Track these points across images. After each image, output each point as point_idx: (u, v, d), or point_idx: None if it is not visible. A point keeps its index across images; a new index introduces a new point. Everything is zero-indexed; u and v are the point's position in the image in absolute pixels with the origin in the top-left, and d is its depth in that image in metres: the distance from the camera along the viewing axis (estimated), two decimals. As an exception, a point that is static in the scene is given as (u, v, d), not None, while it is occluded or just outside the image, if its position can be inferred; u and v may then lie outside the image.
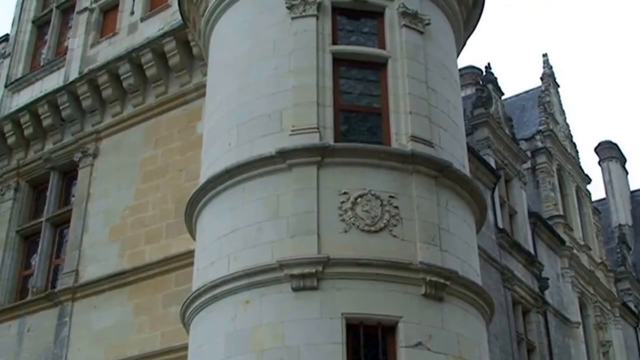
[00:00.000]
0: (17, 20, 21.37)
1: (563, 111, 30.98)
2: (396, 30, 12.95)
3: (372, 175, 11.44)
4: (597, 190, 43.81)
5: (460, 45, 15.27)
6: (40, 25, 21.10)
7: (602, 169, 42.09)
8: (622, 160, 42.65)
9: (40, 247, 17.84)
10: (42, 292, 17.07)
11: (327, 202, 11.15)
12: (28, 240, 18.69)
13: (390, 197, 11.29)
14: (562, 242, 25.51)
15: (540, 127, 27.95)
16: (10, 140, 19.31)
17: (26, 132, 19.03)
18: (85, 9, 19.21)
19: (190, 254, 13.41)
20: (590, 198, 30.77)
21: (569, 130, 30.73)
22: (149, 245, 15.50)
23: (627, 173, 42.89)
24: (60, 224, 17.99)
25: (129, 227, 16.02)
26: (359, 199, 11.17)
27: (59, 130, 18.59)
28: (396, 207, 11.24)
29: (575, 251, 26.45)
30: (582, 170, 30.53)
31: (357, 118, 12.36)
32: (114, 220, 16.38)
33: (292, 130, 11.77)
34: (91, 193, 17.18)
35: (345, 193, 11.21)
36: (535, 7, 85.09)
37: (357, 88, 12.61)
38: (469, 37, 15.78)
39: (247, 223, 11.49)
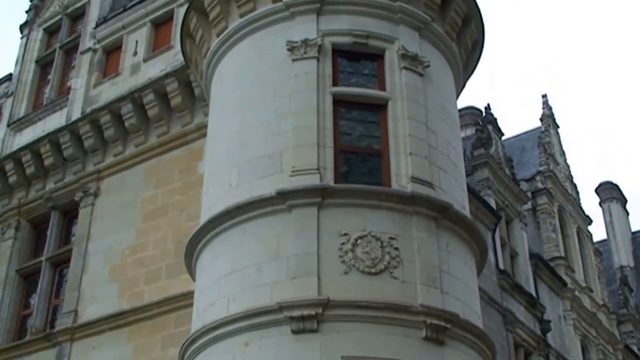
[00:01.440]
0: (21, 60, 21.57)
1: (563, 152, 31.06)
2: (396, 72, 13.04)
3: (372, 217, 11.44)
4: (598, 231, 43.70)
5: (460, 86, 15.37)
6: (44, 65, 21.28)
7: (603, 210, 42.07)
8: (623, 201, 42.65)
9: (39, 286, 17.77)
10: (41, 332, 16.96)
11: (327, 244, 11.13)
12: (27, 279, 18.63)
13: (391, 238, 11.27)
14: (564, 283, 25.41)
15: (541, 168, 28.00)
16: (12, 179, 19.36)
17: (28, 171, 19.09)
18: (89, 49, 19.39)
19: (190, 294, 13.35)
20: (591, 239, 30.72)
21: (570, 171, 30.78)
22: (148, 285, 15.45)
23: (628, 214, 42.86)
24: (60, 263, 17.95)
25: (129, 267, 15.99)
26: (359, 241, 11.16)
27: (61, 169, 18.65)
28: (396, 249, 11.22)
29: (577, 293, 26.33)
30: (583, 211, 30.51)
31: (358, 159, 12.40)
32: (113, 260, 16.35)
33: (293, 171, 11.80)
34: (91, 232, 17.18)
35: (345, 234, 11.19)
36: (534, 48, 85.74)
37: (357, 129, 12.67)
38: (468, 78, 15.89)
39: (247, 264, 11.46)
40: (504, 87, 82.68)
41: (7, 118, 20.60)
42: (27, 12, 22.43)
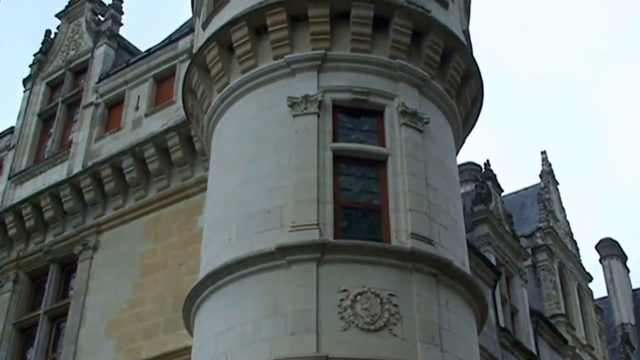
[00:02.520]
0: (23, 113, 21.73)
1: (563, 208, 31.06)
2: (396, 128, 13.15)
3: (371, 273, 11.41)
4: (598, 289, 43.43)
5: (460, 143, 15.46)
6: (46, 118, 21.43)
7: (604, 267, 41.86)
8: (624, 258, 42.46)
9: (36, 340, 17.61)
10: (37, 386, 16.78)
11: (326, 300, 11.09)
12: (25, 333, 18.47)
13: (390, 295, 11.23)
14: (565, 341, 25.18)
15: (541, 225, 27.98)
16: (12, 231, 19.36)
17: (27, 224, 19.09)
18: (91, 103, 19.55)
19: (187, 350, 13.24)
20: (592, 296, 30.54)
21: (569, 228, 30.75)
22: (146, 340, 15.31)
23: (628, 271, 42.62)
24: (58, 317, 17.82)
25: (127, 321, 15.87)
26: (358, 297, 11.11)
27: (61, 222, 18.66)
28: (396, 306, 11.17)
29: (578, 351, 26.06)
30: (584, 268, 30.39)
31: (357, 215, 12.42)
32: (111, 314, 16.24)
33: (292, 227, 11.81)
34: (90, 286, 17.10)
35: (344, 290, 11.15)
36: (533, 104, 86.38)
37: (357, 185, 12.73)
38: (467, 134, 15.99)
39: (246, 320, 11.39)
40: (503, 143, 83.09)
41: (8, 171, 20.68)
42: (30, 66, 22.67)
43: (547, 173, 30.74)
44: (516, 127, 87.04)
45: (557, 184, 31.39)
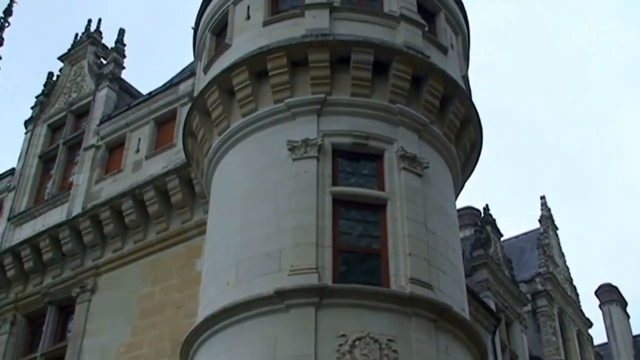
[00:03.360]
0: (24, 155, 21.82)
1: (562, 254, 31.03)
2: (395, 172, 13.18)
3: (370, 318, 11.35)
4: (598, 335, 43.16)
5: (459, 187, 15.50)
6: (46, 160, 21.51)
7: (603, 313, 41.59)
8: (624, 303, 42.22)
9: (33, 383, 17.49)
10: None
11: (325, 345, 11.01)
12: (21, 376, 18.35)
13: (389, 340, 11.16)
14: (565, 387, 24.99)
15: (540, 270, 27.93)
16: (10, 273, 19.32)
17: (26, 266, 19.06)
18: (92, 146, 19.64)
19: (184, 394, 13.11)
20: (592, 342, 30.35)
21: (569, 273, 30.69)
22: (142, 385, 15.19)
23: (628, 317, 42.34)
24: (55, 359, 17.70)
25: (124, 365, 15.75)
26: (357, 342, 11.03)
27: (59, 264, 18.62)
28: (395, 351, 11.08)
29: (578, 397, 25.86)
30: (583, 314, 30.26)
31: (356, 259, 12.38)
32: (108, 357, 16.11)
33: (291, 270, 11.78)
34: (87, 329, 17.00)
35: (343, 335, 11.08)
36: (532, 149, 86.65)
37: (356, 229, 12.70)
38: (467, 179, 16.04)
39: (244, 364, 11.30)
40: (502, 188, 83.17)
41: (8, 212, 20.70)
42: (32, 108, 22.84)
43: (547, 218, 30.78)
44: (516, 170, 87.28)
45: (557, 229, 31.40)
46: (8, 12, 26.81)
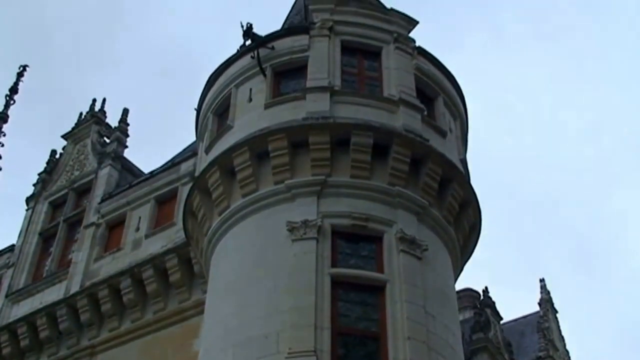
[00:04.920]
0: (24, 232, 21.84)
1: (562, 337, 30.80)
2: (394, 254, 13.21)
3: (369, 401, 11.22)
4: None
5: (458, 269, 15.51)
6: (47, 237, 21.52)
7: (606, 397, 41.08)
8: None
9: None
10: None
11: None
12: None
13: None
14: None
15: (540, 354, 27.70)
16: (6, 350, 19.13)
17: (22, 344, 18.91)
18: (92, 223, 19.69)
19: None
20: None
21: (569, 357, 30.40)
22: None
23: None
24: None
25: None
26: None
27: (55, 343, 18.49)
28: None
29: None
30: (585, 398, 29.85)
31: (355, 342, 12.30)
32: None
33: (289, 353, 11.69)
34: (82, 409, 16.77)
35: (341, 421, 10.94)
36: (533, 229, 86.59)
37: (355, 311, 12.64)
38: (466, 261, 16.06)
39: None
40: (502, 268, 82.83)
41: (6, 289, 20.61)
42: (34, 185, 22.96)
43: (546, 301, 30.66)
44: (516, 250, 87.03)
45: (556, 312, 31.24)
46: (14, 90, 27.18)
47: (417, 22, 16.59)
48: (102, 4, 74.66)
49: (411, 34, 16.44)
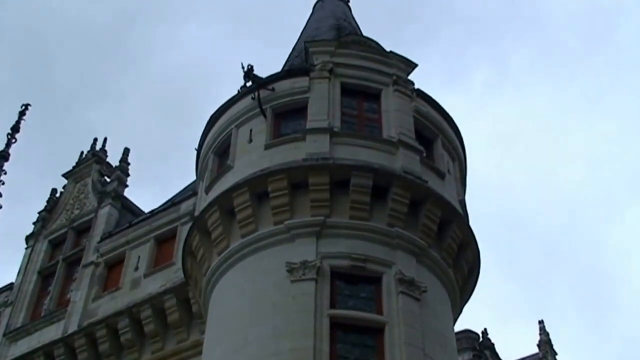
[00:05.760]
0: (24, 270, 21.80)
1: (562, 379, 30.57)
2: (393, 296, 13.19)
3: None
4: None
5: (457, 311, 15.47)
6: (46, 276, 21.47)
7: None
8: None
9: None
10: None
11: None
12: None
13: None
14: None
15: (541, 397, 27.48)
16: (4, 389, 19.03)
17: (19, 383, 18.79)
18: (91, 262, 19.67)
19: None
20: None
21: (570, 400, 30.16)
22: None
23: None
24: None
25: None
26: None
27: (53, 382, 18.36)
28: None
29: None
30: None
31: (354, 385, 12.23)
32: None
33: (288, 396, 11.63)
34: None
35: None
36: (530, 271, 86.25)
37: (354, 353, 12.58)
38: (465, 303, 16.02)
39: None
40: (500, 310, 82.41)
41: (4, 327, 20.51)
42: (34, 223, 22.97)
43: (545, 342, 30.48)
44: (515, 291, 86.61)
45: (556, 353, 31.04)
46: (16, 128, 27.41)
47: (415, 65, 16.78)
48: (103, 42, 75.29)
49: (415, 71, 16.69)
